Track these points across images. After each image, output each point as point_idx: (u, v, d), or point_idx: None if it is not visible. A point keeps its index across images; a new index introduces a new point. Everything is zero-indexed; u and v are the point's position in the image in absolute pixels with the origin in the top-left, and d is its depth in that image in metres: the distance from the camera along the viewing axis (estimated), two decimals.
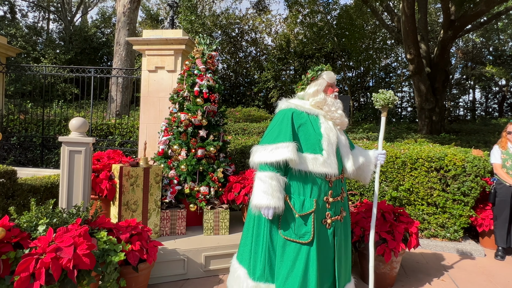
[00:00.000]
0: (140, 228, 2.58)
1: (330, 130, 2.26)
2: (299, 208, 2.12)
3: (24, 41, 17.55)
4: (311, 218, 2.11)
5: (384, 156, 2.54)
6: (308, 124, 2.24)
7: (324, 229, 2.20)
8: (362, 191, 4.40)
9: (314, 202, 2.13)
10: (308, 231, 2.10)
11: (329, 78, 2.39)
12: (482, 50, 18.49)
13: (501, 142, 4.00)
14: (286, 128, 2.16)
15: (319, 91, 2.34)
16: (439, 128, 9.98)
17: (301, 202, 2.13)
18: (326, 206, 2.20)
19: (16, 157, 6.80)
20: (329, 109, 2.31)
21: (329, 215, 2.21)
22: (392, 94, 2.52)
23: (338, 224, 2.27)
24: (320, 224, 2.17)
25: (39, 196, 3.48)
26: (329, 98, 2.34)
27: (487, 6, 8.42)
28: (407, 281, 3.15)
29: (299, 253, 2.10)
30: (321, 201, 2.17)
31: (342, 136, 2.37)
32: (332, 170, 2.15)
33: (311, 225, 2.11)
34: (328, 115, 2.31)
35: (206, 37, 3.84)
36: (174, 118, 3.58)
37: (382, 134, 2.56)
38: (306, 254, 2.09)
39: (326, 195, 2.20)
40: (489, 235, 4.13)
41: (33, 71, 7.64)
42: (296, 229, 2.12)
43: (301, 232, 2.11)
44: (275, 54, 17.19)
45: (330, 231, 2.22)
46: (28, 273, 1.81)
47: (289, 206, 2.14)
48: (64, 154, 2.68)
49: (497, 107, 19.63)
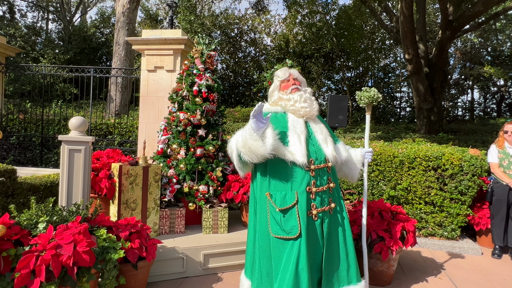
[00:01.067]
0: (139, 226, 2.60)
1: (297, 122, 2.28)
2: (280, 202, 2.12)
3: (23, 41, 17.55)
4: (295, 211, 2.10)
5: (371, 154, 2.55)
6: (275, 121, 2.30)
7: (311, 221, 2.16)
8: (360, 190, 4.42)
9: (295, 194, 2.12)
10: (295, 225, 2.08)
11: (281, 74, 2.44)
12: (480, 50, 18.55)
13: (498, 141, 4.03)
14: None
15: (273, 91, 2.45)
16: (438, 128, 10.02)
17: (282, 196, 2.13)
18: (311, 197, 2.17)
19: (15, 156, 6.81)
20: (286, 105, 2.34)
21: (314, 206, 2.16)
22: (376, 92, 2.50)
23: (326, 215, 2.21)
24: (306, 216, 2.13)
25: (39, 195, 3.50)
26: (284, 95, 2.37)
27: (484, 6, 8.47)
28: (404, 279, 3.17)
29: (290, 249, 2.07)
30: (303, 192, 2.15)
31: (316, 125, 2.37)
32: (299, 157, 2.13)
33: (296, 218, 2.08)
34: (289, 110, 2.33)
35: (205, 37, 3.86)
36: (173, 118, 3.59)
37: (368, 132, 2.57)
38: (297, 249, 2.06)
39: (308, 185, 2.17)
40: (486, 234, 4.16)
41: (32, 71, 7.65)
42: (283, 225, 2.10)
43: (288, 227, 2.08)
44: (274, 54, 17.23)
45: (318, 223, 2.17)
46: (28, 270, 1.82)
47: (271, 204, 2.15)
48: (64, 153, 2.70)
49: (495, 107, 19.70)
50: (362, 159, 2.56)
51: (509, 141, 3.93)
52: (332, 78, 19.28)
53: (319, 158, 2.25)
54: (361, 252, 3.03)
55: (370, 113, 2.57)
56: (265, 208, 2.20)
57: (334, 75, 19.08)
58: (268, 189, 2.20)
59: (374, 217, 2.99)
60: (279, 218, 2.12)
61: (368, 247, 2.87)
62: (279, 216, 2.12)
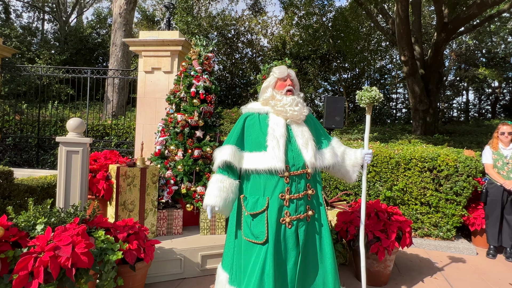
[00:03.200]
0: (137, 228, 2.60)
1: (277, 125, 2.20)
2: (251, 207, 2.12)
3: (19, 41, 17.45)
4: (264, 216, 2.07)
5: (370, 155, 2.45)
6: (256, 123, 2.26)
7: (283, 228, 2.10)
8: (357, 191, 4.46)
9: (266, 200, 2.10)
10: (262, 231, 2.05)
11: (279, 72, 2.32)
12: (475, 52, 18.72)
13: (493, 142, 4.08)
14: (233, 132, 2.28)
15: (267, 87, 2.33)
16: (433, 129, 10.10)
17: (254, 201, 2.13)
18: (284, 204, 2.11)
19: (11, 158, 6.77)
20: (275, 105, 2.25)
21: (288, 213, 2.10)
22: (378, 92, 2.39)
23: (303, 223, 2.13)
24: (278, 224, 2.08)
25: (35, 197, 3.49)
26: (278, 95, 2.27)
27: (479, 9, 8.56)
28: (400, 279, 3.20)
29: (257, 254, 2.05)
30: (275, 199, 2.10)
31: (298, 128, 2.25)
32: (276, 164, 2.08)
33: (264, 224, 2.06)
34: (275, 110, 2.25)
35: (203, 39, 3.88)
36: (171, 119, 3.60)
37: (368, 133, 2.51)
38: (263, 255, 2.02)
39: (282, 192, 2.11)
40: (481, 234, 4.20)
41: (28, 72, 7.62)
42: (252, 229, 2.10)
43: (257, 231, 2.08)
44: (271, 55, 17.27)
45: (291, 231, 2.10)
46: (26, 271, 1.82)
47: (242, 207, 2.16)
48: (61, 154, 2.70)
49: (490, 109, 19.88)
50: (361, 161, 2.44)
51: (503, 142, 3.98)
52: (329, 79, 19.36)
53: (297, 164, 2.17)
54: (356, 252, 3.06)
55: (370, 113, 2.49)
56: (240, 209, 2.23)
57: (330, 76, 19.16)
58: (244, 192, 2.22)
59: (371, 217, 3.02)
60: (249, 222, 2.13)
61: (365, 247, 2.89)
62: (249, 220, 2.13)
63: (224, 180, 2.15)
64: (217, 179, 2.16)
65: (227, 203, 2.13)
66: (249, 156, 2.20)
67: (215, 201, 2.10)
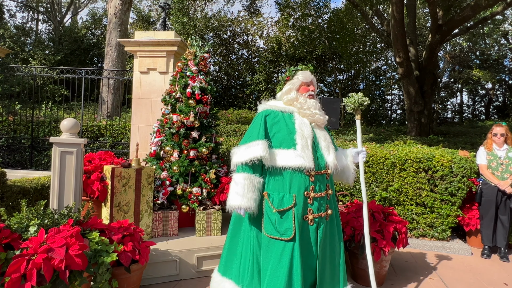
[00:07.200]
0: (132, 229, 2.58)
1: (304, 125, 2.28)
2: (278, 204, 2.13)
3: (12, 41, 17.29)
4: (291, 213, 2.11)
5: (365, 153, 2.58)
6: (282, 121, 2.30)
7: (306, 225, 2.17)
8: (352, 192, 4.46)
9: (293, 197, 2.13)
10: (289, 227, 2.09)
11: (304, 77, 2.42)
12: (469, 54, 18.90)
13: (487, 143, 4.11)
14: (258, 128, 2.25)
15: (291, 90, 2.41)
16: (428, 130, 10.16)
17: (280, 198, 2.15)
18: (308, 202, 2.18)
19: (4, 159, 6.69)
20: (301, 107, 2.34)
21: (311, 211, 2.18)
22: (361, 96, 2.53)
23: (322, 221, 2.23)
24: (302, 220, 2.15)
25: (29, 198, 3.45)
26: (301, 97, 2.37)
27: (473, 11, 8.65)
28: (396, 279, 3.21)
29: (283, 251, 2.07)
30: (301, 196, 2.15)
31: (321, 131, 2.38)
32: (307, 162, 2.15)
33: (291, 221, 2.09)
34: (301, 112, 2.34)
35: (198, 39, 3.86)
36: (167, 120, 3.58)
37: (360, 135, 2.61)
38: (290, 252, 2.06)
39: (307, 190, 2.18)
40: (476, 234, 4.23)
41: (22, 72, 7.54)
42: (278, 226, 2.11)
43: (283, 228, 2.10)
44: (266, 56, 17.28)
45: (313, 228, 2.18)
46: (19, 274, 1.79)
47: (268, 204, 2.16)
48: (55, 155, 2.67)
49: (483, 110, 20.07)
50: (355, 159, 2.59)
51: (497, 143, 4.01)
52: (324, 80, 19.42)
53: (320, 165, 2.27)
54: (353, 253, 3.06)
55: (359, 117, 2.60)
56: (260, 207, 2.20)
57: (326, 77, 19.21)
58: (266, 189, 2.21)
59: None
60: (275, 219, 2.13)
61: (361, 248, 2.90)
62: (274, 217, 2.13)
63: (253, 179, 2.14)
64: (245, 177, 2.13)
65: (257, 204, 2.13)
66: (277, 153, 2.20)
67: (249, 204, 2.08)
